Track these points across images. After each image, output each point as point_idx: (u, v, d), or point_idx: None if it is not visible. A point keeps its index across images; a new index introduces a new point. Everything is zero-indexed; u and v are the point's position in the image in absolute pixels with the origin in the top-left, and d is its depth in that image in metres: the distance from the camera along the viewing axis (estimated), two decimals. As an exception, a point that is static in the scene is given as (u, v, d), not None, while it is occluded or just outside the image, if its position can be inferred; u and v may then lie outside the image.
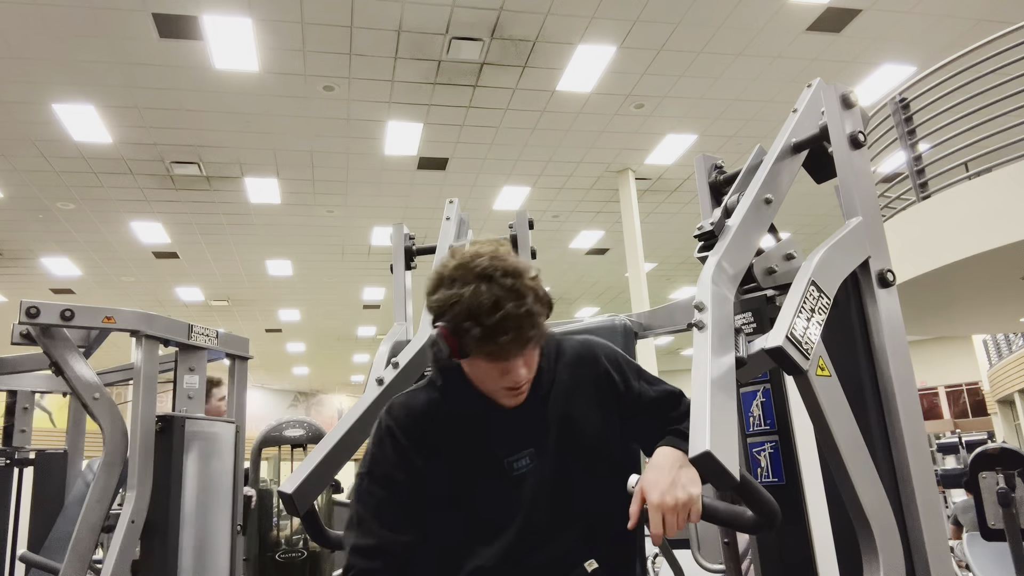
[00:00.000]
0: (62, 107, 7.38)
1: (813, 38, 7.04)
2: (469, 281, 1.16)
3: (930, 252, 5.68)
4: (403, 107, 7.85)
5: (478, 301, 1.14)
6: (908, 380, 1.32)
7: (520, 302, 1.15)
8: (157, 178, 9.11)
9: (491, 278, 1.16)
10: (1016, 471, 2.91)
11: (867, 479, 1.16)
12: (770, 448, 1.50)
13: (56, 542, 3.09)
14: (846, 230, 1.37)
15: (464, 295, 1.15)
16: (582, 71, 7.36)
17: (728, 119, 8.52)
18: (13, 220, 10.09)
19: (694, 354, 1.17)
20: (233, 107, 7.61)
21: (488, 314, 1.13)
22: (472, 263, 1.18)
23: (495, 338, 1.14)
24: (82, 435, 3.58)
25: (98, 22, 6.16)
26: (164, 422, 2.54)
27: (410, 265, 2.38)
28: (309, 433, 4.73)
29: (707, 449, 1.00)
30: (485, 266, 1.17)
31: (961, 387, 20.03)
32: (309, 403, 26.12)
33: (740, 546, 1.85)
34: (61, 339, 2.49)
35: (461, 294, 1.15)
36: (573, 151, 9.12)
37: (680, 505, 1.08)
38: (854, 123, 1.47)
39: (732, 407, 1.08)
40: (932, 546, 1.23)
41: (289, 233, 11.20)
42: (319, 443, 1.45)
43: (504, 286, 1.15)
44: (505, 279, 1.16)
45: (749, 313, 1.53)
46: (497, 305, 1.14)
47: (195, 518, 2.57)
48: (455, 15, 6.37)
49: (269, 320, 16.29)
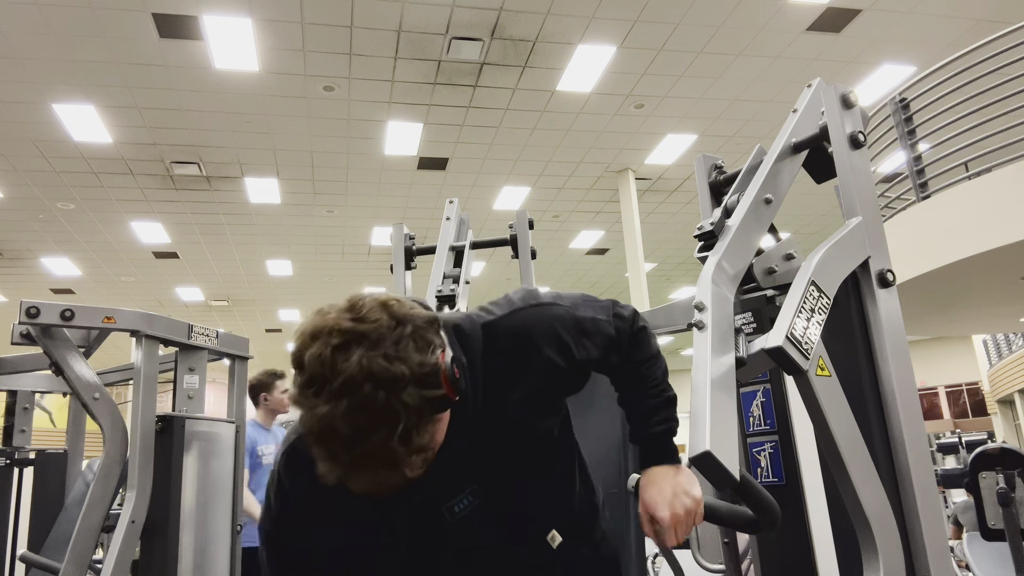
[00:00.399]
0: (62, 107, 7.38)
1: (813, 38, 7.04)
2: (312, 390, 0.87)
3: (930, 252, 5.68)
4: (403, 107, 7.85)
5: (313, 422, 0.86)
6: (908, 380, 1.32)
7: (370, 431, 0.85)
8: (157, 178, 9.11)
9: (326, 384, 0.86)
10: (1016, 471, 2.91)
11: (867, 479, 1.16)
12: (770, 448, 1.50)
13: (56, 542, 3.09)
14: (846, 230, 1.37)
15: (302, 406, 0.88)
16: (582, 71, 7.36)
17: (728, 119, 8.52)
18: (13, 220, 10.10)
19: (694, 354, 1.17)
20: (233, 107, 7.61)
21: (330, 454, 0.87)
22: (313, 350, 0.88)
23: (346, 479, 0.90)
24: (82, 435, 3.58)
25: (98, 22, 6.15)
26: (164, 422, 2.53)
27: (410, 265, 2.38)
28: (309, 433, 4.71)
29: (707, 449, 1.00)
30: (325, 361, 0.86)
31: (961, 387, 20.04)
32: (309, 403, 26.09)
33: (740, 546, 1.85)
34: (61, 339, 2.48)
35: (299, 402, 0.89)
36: (573, 151, 9.12)
37: (688, 512, 1.08)
38: (854, 123, 1.47)
39: (732, 407, 1.08)
40: (932, 546, 1.23)
41: (289, 233, 11.20)
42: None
43: (353, 399, 0.84)
44: (347, 386, 0.85)
45: (749, 313, 1.53)
46: (330, 438, 0.86)
47: (195, 518, 2.57)
48: (455, 15, 6.37)
49: (269, 320, 16.29)
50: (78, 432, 3.56)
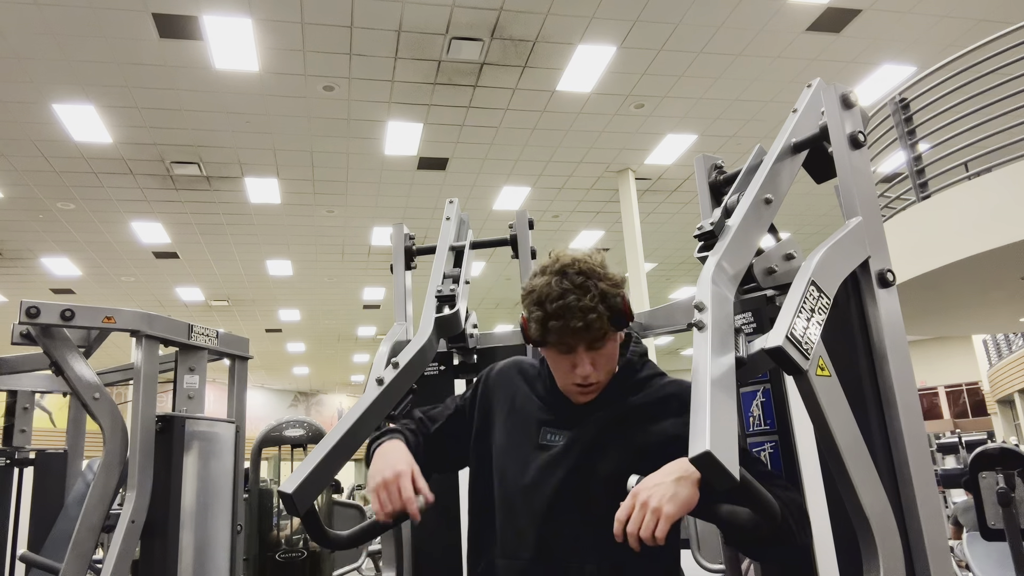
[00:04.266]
0: (62, 107, 7.38)
1: (813, 38, 7.04)
2: (548, 275, 1.30)
3: (930, 252, 5.68)
4: (403, 107, 7.86)
5: (548, 290, 1.28)
6: (908, 380, 1.32)
7: (581, 296, 1.26)
8: (157, 178, 9.11)
9: (565, 274, 1.29)
10: (1016, 471, 2.91)
11: (867, 479, 1.16)
12: (770, 448, 1.50)
13: (56, 542, 3.09)
14: (846, 230, 1.37)
15: (538, 285, 1.30)
16: (582, 71, 7.36)
17: (728, 119, 8.52)
18: (13, 220, 10.10)
19: (694, 354, 1.17)
20: (233, 107, 7.62)
21: (551, 301, 1.27)
22: (558, 262, 1.32)
23: (548, 322, 1.27)
24: (82, 435, 3.57)
25: (98, 22, 6.16)
26: (164, 422, 2.53)
27: (410, 265, 2.37)
28: (309, 433, 4.72)
29: (707, 449, 1.00)
30: (566, 263, 1.30)
31: (961, 387, 20.05)
32: (309, 403, 26.13)
33: (740, 546, 1.85)
34: (61, 339, 2.48)
35: (536, 284, 1.31)
36: (573, 151, 9.12)
37: (648, 509, 1.08)
38: (854, 123, 1.47)
39: (732, 407, 1.08)
40: (932, 546, 1.23)
41: (289, 233, 11.20)
42: (319, 443, 1.44)
43: (573, 282, 1.27)
44: (577, 276, 1.28)
45: (749, 313, 1.53)
46: (561, 296, 1.26)
47: (195, 518, 2.57)
48: (455, 15, 6.37)
49: (269, 320, 16.30)
50: (78, 432, 3.56)
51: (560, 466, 1.32)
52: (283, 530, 4.41)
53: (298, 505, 1.36)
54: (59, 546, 2.93)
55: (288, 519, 4.43)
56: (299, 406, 25.72)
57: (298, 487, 1.35)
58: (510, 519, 1.35)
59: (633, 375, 1.40)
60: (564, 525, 1.30)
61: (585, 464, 1.32)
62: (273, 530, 4.38)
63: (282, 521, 4.43)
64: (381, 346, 2.00)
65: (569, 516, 1.30)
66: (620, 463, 1.30)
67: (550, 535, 1.30)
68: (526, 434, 1.38)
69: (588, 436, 1.34)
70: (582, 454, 1.33)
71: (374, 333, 17.90)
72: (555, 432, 1.36)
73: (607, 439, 1.33)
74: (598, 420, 1.35)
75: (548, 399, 1.40)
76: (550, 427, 1.37)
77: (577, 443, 1.34)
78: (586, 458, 1.32)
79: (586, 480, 1.31)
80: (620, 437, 1.33)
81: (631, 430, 1.34)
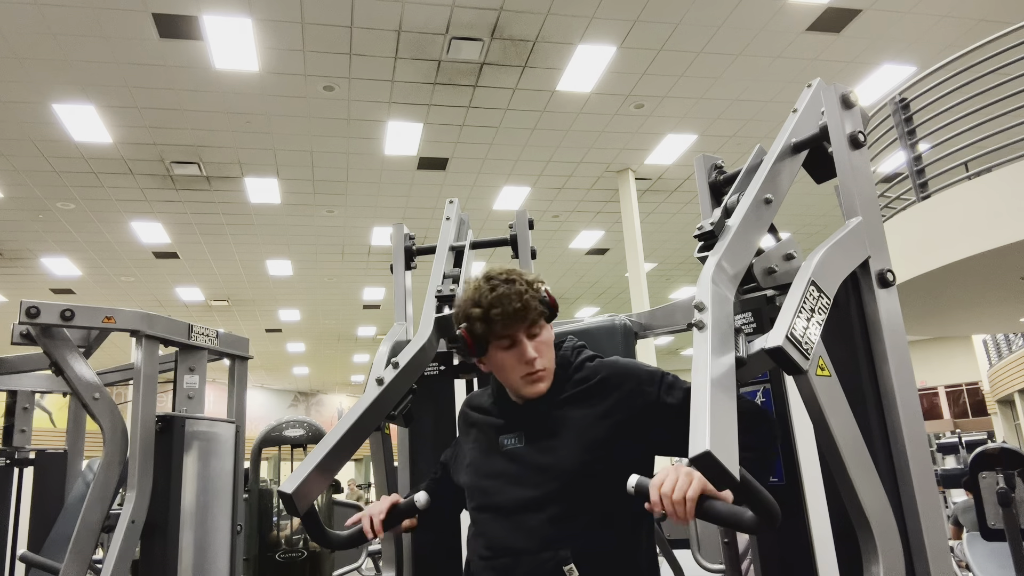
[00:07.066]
0: (62, 107, 7.38)
1: (813, 38, 7.04)
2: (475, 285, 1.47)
3: (930, 252, 5.68)
4: (403, 107, 7.86)
5: (479, 293, 1.44)
6: (908, 380, 1.32)
7: (511, 287, 1.42)
8: (157, 178, 9.11)
9: (491, 278, 1.46)
10: (1016, 471, 2.91)
11: (867, 479, 1.16)
12: (770, 448, 1.50)
13: (56, 542, 3.09)
14: (846, 230, 1.37)
15: (469, 294, 1.47)
16: (582, 71, 7.36)
17: (728, 119, 8.52)
18: (13, 220, 10.10)
19: (694, 354, 1.17)
20: (233, 107, 7.61)
21: (486, 296, 1.42)
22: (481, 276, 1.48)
23: (489, 313, 1.41)
24: (82, 435, 3.58)
25: (98, 22, 6.16)
26: (164, 422, 2.53)
27: (410, 265, 2.37)
28: (309, 433, 4.72)
29: (707, 449, 1.00)
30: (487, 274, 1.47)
31: (961, 387, 20.05)
32: (309, 403, 26.13)
33: (740, 546, 1.85)
34: (61, 339, 2.48)
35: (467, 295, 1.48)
36: (573, 151, 9.12)
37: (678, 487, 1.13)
38: (854, 123, 1.47)
39: (732, 407, 1.08)
40: (932, 546, 1.23)
41: (289, 233, 11.20)
42: (319, 443, 1.44)
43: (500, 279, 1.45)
44: (501, 275, 1.46)
45: (749, 313, 1.53)
46: (492, 290, 1.42)
47: (195, 518, 2.57)
48: (455, 15, 6.37)
49: (269, 320, 16.29)
50: (78, 432, 3.56)
51: (520, 463, 1.43)
52: (283, 530, 4.41)
53: (298, 505, 1.36)
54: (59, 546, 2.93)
55: (288, 519, 4.43)
56: (299, 406, 25.72)
57: (298, 487, 1.35)
58: (484, 521, 1.45)
59: (568, 365, 1.50)
60: (531, 518, 1.37)
61: (543, 456, 1.41)
62: (273, 530, 4.38)
63: (282, 521, 4.43)
64: (381, 346, 2.00)
65: (536, 510, 1.37)
66: (574, 447, 1.39)
67: (519, 529, 1.38)
68: (489, 446, 1.50)
69: (540, 430, 1.44)
70: (538, 449, 1.42)
71: (374, 333, 17.90)
72: (511, 436, 1.47)
73: (557, 427, 1.43)
74: (545, 413, 1.45)
75: (498, 410, 1.52)
76: (505, 432, 1.48)
77: (532, 439, 1.44)
78: (542, 450, 1.42)
79: (546, 471, 1.39)
80: (569, 422, 1.43)
81: (578, 413, 1.43)
